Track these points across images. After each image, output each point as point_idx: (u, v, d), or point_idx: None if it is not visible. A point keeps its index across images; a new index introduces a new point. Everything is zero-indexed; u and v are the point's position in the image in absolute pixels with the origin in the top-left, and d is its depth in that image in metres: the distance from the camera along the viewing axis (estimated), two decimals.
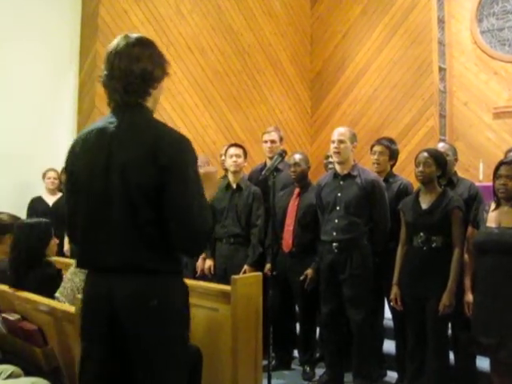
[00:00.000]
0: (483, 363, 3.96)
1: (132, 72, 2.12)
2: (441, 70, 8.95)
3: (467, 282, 3.72)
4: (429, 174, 3.89)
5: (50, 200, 6.31)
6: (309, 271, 4.57)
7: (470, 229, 3.76)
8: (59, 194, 6.36)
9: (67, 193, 2.30)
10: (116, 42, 2.18)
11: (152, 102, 2.23)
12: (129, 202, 2.04)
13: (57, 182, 6.37)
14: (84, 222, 2.15)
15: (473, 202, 4.06)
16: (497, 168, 3.57)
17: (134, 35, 2.21)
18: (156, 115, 2.25)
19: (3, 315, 3.36)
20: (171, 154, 2.03)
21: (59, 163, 6.61)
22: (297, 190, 4.81)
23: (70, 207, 2.24)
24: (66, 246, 5.88)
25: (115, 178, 2.06)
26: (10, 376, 2.99)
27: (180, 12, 8.03)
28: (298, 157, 4.78)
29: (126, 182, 2.04)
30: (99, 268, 2.12)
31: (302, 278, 4.58)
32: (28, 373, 3.08)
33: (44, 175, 6.36)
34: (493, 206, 3.60)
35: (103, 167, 2.08)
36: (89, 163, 2.13)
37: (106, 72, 2.16)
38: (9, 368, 3.04)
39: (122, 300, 2.04)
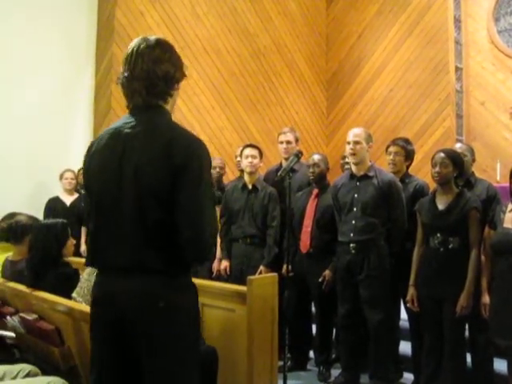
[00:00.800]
0: (501, 365, 3.92)
1: (155, 73, 2.12)
2: (457, 69, 8.90)
3: (484, 284, 3.69)
4: (445, 174, 3.87)
5: (68, 200, 6.37)
6: (327, 272, 4.56)
7: (486, 230, 3.73)
8: (76, 195, 6.41)
9: (85, 193, 2.34)
10: (135, 43, 2.18)
11: (171, 104, 2.24)
12: (140, 202, 2.04)
13: (74, 182, 6.43)
14: (95, 222, 2.17)
15: (491, 202, 4.02)
16: None
17: (153, 37, 2.22)
18: (172, 117, 2.25)
19: (21, 315, 3.39)
20: (185, 156, 2.02)
21: (76, 164, 6.67)
22: (315, 191, 4.81)
23: (86, 207, 2.28)
24: (83, 247, 5.92)
25: (127, 178, 2.06)
26: (28, 375, 3.02)
27: (196, 14, 8.06)
28: (317, 157, 4.77)
29: (137, 182, 2.04)
30: (108, 267, 2.14)
31: (320, 279, 4.58)
32: (45, 372, 3.10)
33: (61, 176, 6.42)
34: (510, 206, 3.56)
35: (116, 167, 2.09)
36: (102, 163, 2.14)
37: (125, 73, 2.15)
38: (26, 367, 3.07)
39: (130, 300, 2.04)
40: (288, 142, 5.17)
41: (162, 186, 2.01)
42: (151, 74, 2.12)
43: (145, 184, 2.03)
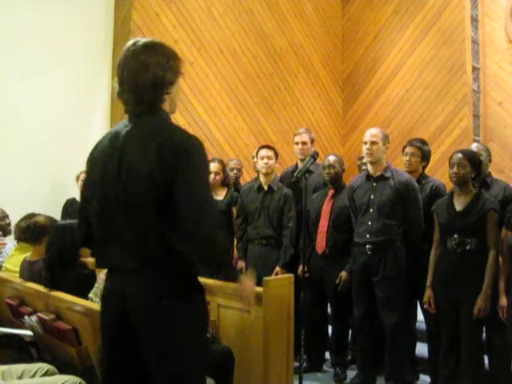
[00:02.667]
0: None
1: (142, 83, 2.11)
2: (474, 69, 8.83)
3: (501, 286, 3.66)
4: (463, 175, 3.84)
5: None
6: (343, 273, 4.55)
7: (503, 231, 3.70)
8: None
9: (81, 196, 2.35)
10: (123, 52, 2.17)
11: (169, 104, 2.21)
12: (139, 203, 2.05)
13: None
14: (97, 224, 2.19)
15: (508, 203, 3.99)
16: None
17: (141, 41, 2.18)
18: (188, 118, 2.27)
19: (39, 314, 3.42)
20: (178, 154, 2.02)
21: None
22: (331, 192, 4.80)
23: (82, 209, 2.28)
24: None
25: (125, 179, 2.07)
26: (46, 374, 3.04)
27: (212, 15, 8.08)
28: (332, 159, 4.76)
29: (135, 183, 2.05)
30: (114, 268, 2.17)
31: (337, 281, 4.56)
32: (63, 371, 3.13)
33: (77, 178, 6.44)
34: None
35: (114, 169, 2.11)
36: (101, 166, 2.17)
37: (117, 85, 2.17)
38: (44, 366, 3.10)
39: (134, 300, 2.06)
40: (303, 143, 5.17)
41: (158, 186, 2.01)
42: (138, 83, 2.11)
43: (142, 185, 2.03)
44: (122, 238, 2.09)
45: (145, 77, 2.11)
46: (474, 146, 4.52)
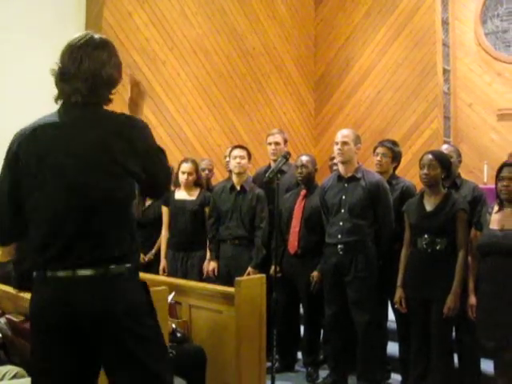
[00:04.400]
0: (487, 366, 3.94)
1: (100, 76, 2.12)
2: (445, 71, 8.94)
3: (470, 285, 3.71)
4: (434, 176, 3.88)
5: None
6: (315, 273, 4.57)
7: (473, 231, 3.75)
8: None
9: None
10: (79, 39, 2.17)
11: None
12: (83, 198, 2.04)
13: None
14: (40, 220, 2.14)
15: (476, 204, 4.05)
16: (499, 170, 3.57)
17: (97, 36, 2.20)
18: (160, 117, 2.30)
19: (7, 316, 3.36)
20: (130, 135, 2.10)
21: None
22: (303, 192, 4.81)
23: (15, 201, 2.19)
24: None
25: (63, 167, 2.06)
26: (15, 377, 2.99)
27: (184, 14, 8.04)
28: (305, 158, 4.77)
29: (70, 172, 2.05)
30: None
31: (311, 280, 4.58)
32: None
33: None
34: (496, 208, 3.59)
35: (53, 161, 2.07)
36: (39, 159, 2.10)
37: (64, 67, 2.14)
38: (13, 369, 3.05)
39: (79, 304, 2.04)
40: (276, 143, 5.18)
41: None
42: (96, 75, 2.11)
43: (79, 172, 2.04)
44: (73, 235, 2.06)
45: (103, 72, 2.13)
46: (445, 148, 4.57)
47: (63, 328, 2.04)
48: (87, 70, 2.10)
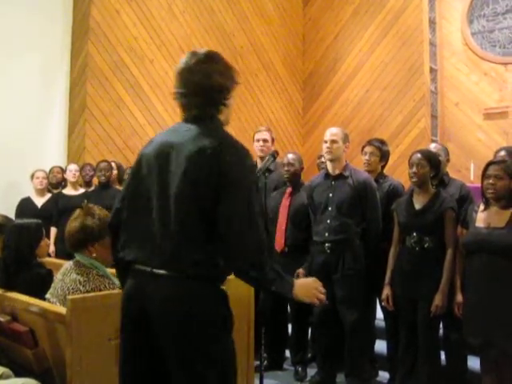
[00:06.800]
0: (474, 363, 3.96)
1: (209, 86, 2.18)
2: (432, 70, 8.99)
3: (457, 283, 3.73)
4: (422, 174, 3.89)
5: (39, 201, 6.23)
6: (300, 271, 4.57)
7: (459, 229, 3.77)
8: (48, 195, 6.30)
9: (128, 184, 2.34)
10: (185, 59, 2.25)
11: (226, 114, 2.27)
12: (180, 206, 2.06)
13: (45, 182, 6.31)
14: (130, 221, 2.22)
15: (464, 202, 4.07)
16: (485, 168, 3.58)
17: (202, 51, 2.28)
18: (148, 116, 2.30)
19: None
20: (223, 165, 2.04)
21: (50, 163, 6.60)
22: (289, 190, 4.82)
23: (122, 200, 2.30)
24: (52, 248, 5.85)
25: (169, 180, 2.10)
26: (1, 377, 2.97)
27: (172, 12, 8.03)
28: (291, 157, 4.77)
29: (178, 185, 2.07)
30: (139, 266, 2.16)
31: (297, 277, 4.58)
32: (18, 374, 3.06)
33: (32, 175, 6.29)
34: (482, 206, 3.60)
35: (161, 169, 2.13)
36: (151, 163, 2.18)
37: (180, 90, 2.24)
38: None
39: (153, 302, 2.06)
40: (264, 141, 5.17)
41: (202, 195, 2.03)
42: (205, 87, 2.18)
43: (186, 190, 2.05)
44: (153, 237, 2.09)
45: (210, 81, 2.19)
46: (433, 146, 4.59)
47: None
48: (194, 83, 2.24)
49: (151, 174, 2.16)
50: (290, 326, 5.03)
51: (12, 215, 5.73)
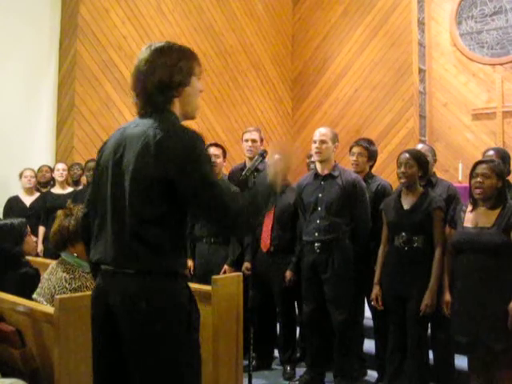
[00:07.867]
0: (461, 362, 3.99)
1: (149, 87, 2.15)
2: (420, 71, 9.03)
3: (445, 282, 3.75)
4: (410, 174, 3.91)
5: (27, 200, 6.23)
6: (288, 273, 4.58)
7: (447, 229, 3.79)
8: (36, 194, 6.29)
9: (91, 186, 2.38)
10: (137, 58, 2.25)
11: (181, 107, 2.22)
12: (131, 202, 2.05)
13: (33, 180, 6.30)
14: (94, 223, 2.22)
15: (451, 202, 4.09)
16: (473, 167, 3.60)
17: (155, 45, 2.23)
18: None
19: None
20: (171, 152, 2.03)
21: (39, 162, 6.57)
22: None
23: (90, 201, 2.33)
24: (40, 247, 5.82)
25: (121, 176, 2.10)
26: None
27: (161, 11, 8.01)
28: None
29: (131, 181, 2.06)
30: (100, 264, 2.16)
31: (285, 279, 4.58)
32: (6, 374, 3.04)
33: (20, 174, 6.28)
34: (470, 207, 3.62)
35: (113, 165, 2.14)
36: (105, 163, 2.19)
37: (132, 89, 2.25)
38: None
39: (115, 299, 2.05)
40: (253, 141, 5.15)
41: (154, 188, 2.03)
42: (145, 89, 2.16)
43: (138, 186, 2.05)
44: (110, 235, 2.10)
45: (150, 81, 2.14)
46: (420, 147, 4.61)
47: None
48: (138, 85, 2.24)
49: (108, 176, 2.15)
50: (278, 325, 5.03)
51: (0, 214, 5.71)
